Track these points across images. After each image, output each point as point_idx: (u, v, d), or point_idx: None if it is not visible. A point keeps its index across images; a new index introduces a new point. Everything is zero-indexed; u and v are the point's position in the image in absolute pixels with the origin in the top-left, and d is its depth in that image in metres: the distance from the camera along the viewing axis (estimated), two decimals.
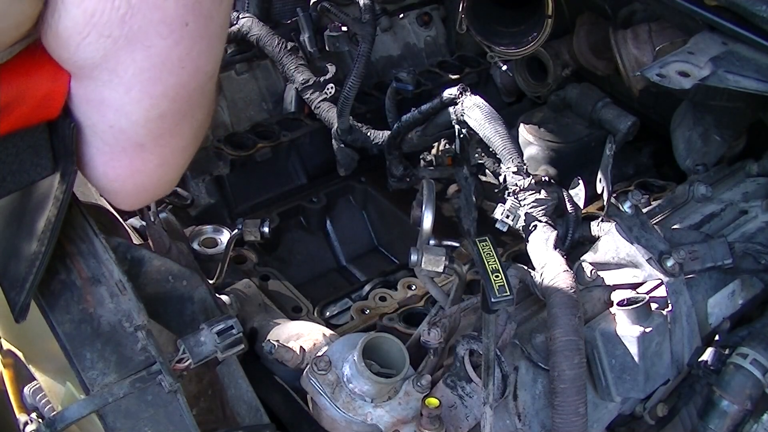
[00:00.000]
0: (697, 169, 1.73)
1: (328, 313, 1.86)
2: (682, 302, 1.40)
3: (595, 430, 1.36)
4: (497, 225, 1.50)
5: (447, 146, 1.93)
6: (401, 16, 2.43)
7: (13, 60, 0.81)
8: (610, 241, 1.43)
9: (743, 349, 1.35)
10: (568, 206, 1.53)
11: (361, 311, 1.78)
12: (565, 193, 1.54)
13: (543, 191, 1.51)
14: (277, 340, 1.37)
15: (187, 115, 0.86)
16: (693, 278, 1.44)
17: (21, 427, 1.46)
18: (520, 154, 1.61)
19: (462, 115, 1.68)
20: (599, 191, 1.48)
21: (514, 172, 1.55)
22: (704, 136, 1.81)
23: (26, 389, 1.44)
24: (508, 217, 1.49)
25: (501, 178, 1.60)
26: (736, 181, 1.70)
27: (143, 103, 0.80)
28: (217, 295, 1.42)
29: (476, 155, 1.80)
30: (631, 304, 1.32)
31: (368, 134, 2.01)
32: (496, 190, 1.68)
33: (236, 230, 1.64)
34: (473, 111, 1.65)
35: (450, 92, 1.71)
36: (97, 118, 0.83)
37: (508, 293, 1.11)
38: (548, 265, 1.34)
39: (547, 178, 1.53)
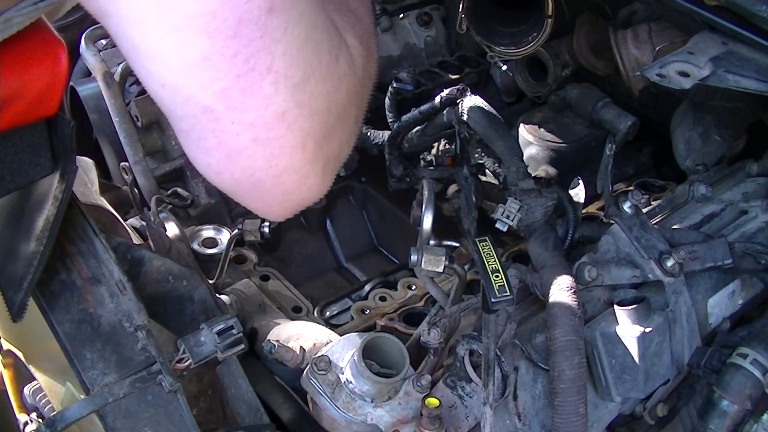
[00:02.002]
0: (697, 169, 1.73)
1: (328, 313, 1.86)
2: (682, 302, 1.40)
3: (595, 430, 1.36)
4: (497, 225, 1.50)
5: (447, 146, 1.93)
6: (401, 16, 2.43)
7: (10, 55, 0.81)
8: (610, 241, 1.43)
9: (743, 349, 1.35)
10: (568, 206, 1.53)
11: (361, 311, 1.78)
12: (565, 193, 1.54)
13: (543, 191, 1.51)
14: (277, 340, 1.37)
15: (251, 61, 0.70)
16: (693, 278, 1.44)
17: (21, 427, 1.46)
18: (520, 154, 1.60)
19: (462, 115, 1.68)
20: (599, 191, 1.48)
21: (514, 173, 1.55)
22: (704, 136, 1.81)
23: (26, 389, 1.44)
24: (508, 217, 1.49)
25: (501, 179, 1.60)
26: (736, 181, 1.70)
27: (170, 37, 0.69)
28: (217, 295, 1.43)
29: (476, 155, 1.80)
30: (631, 304, 1.32)
31: (368, 134, 2.00)
32: (496, 190, 1.68)
33: (236, 230, 1.64)
34: (473, 111, 1.65)
35: (450, 92, 1.71)
36: (144, 75, 0.74)
37: (508, 293, 1.11)
38: (548, 265, 1.34)
39: (547, 178, 1.53)
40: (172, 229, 1.56)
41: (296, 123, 0.75)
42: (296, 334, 1.45)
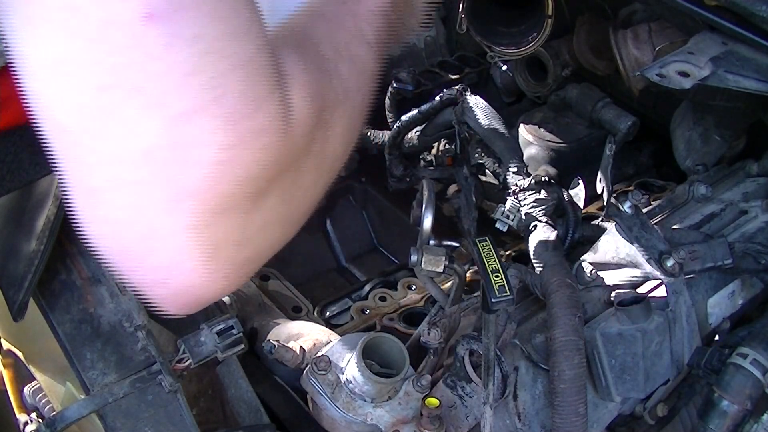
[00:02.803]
0: (697, 169, 1.73)
1: (328, 313, 1.86)
2: (682, 302, 1.40)
3: (595, 430, 1.36)
4: (497, 225, 1.50)
5: (447, 146, 1.93)
6: None
7: None
8: (610, 241, 1.43)
9: (743, 349, 1.35)
10: (568, 206, 1.53)
11: (361, 311, 1.78)
12: (565, 193, 1.54)
13: (543, 191, 1.51)
14: (277, 340, 1.37)
15: (116, 74, 0.55)
16: (693, 278, 1.43)
17: (21, 427, 1.46)
18: (520, 154, 1.61)
19: (462, 115, 1.68)
20: (599, 191, 1.48)
21: (514, 172, 1.55)
22: (704, 136, 1.81)
23: (26, 389, 1.44)
24: (508, 217, 1.49)
25: (501, 178, 1.60)
26: (736, 181, 1.69)
27: (27, 33, 0.56)
28: None
29: (476, 155, 1.80)
30: (631, 304, 1.32)
31: (368, 134, 2.00)
32: (496, 190, 1.68)
33: None
34: (473, 111, 1.65)
35: (450, 92, 1.71)
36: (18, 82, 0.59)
37: (508, 293, 1.11)
38: (548, 265, 1.34)
39: (547, 178, 1.53)
40: None
41: (166, 169, 0.56)
42: (296, 334, 1.45)
